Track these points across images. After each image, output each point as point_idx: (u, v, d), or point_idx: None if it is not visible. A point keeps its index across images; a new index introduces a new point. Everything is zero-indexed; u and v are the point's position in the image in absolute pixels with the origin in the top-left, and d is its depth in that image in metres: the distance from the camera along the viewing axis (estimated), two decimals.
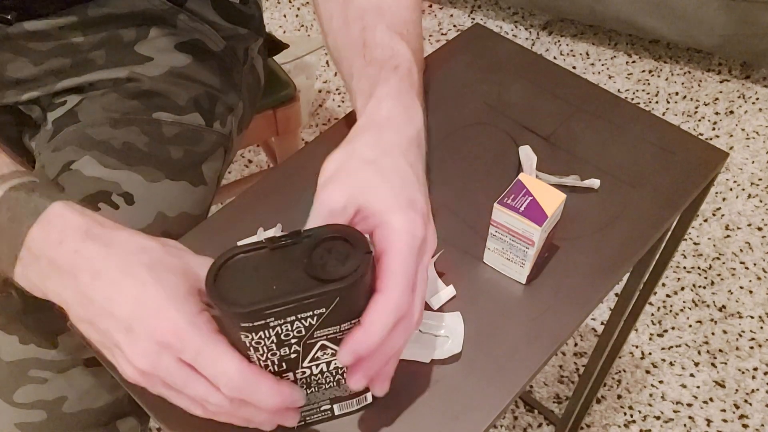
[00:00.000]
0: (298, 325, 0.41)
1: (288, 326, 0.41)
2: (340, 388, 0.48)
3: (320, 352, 0.44)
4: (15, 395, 0.59)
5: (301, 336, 0.42)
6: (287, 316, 0.40)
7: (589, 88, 0.74)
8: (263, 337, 0.41)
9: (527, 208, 0.55)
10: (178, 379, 0.42)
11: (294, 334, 0.42)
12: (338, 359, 0.43)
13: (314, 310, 0.40)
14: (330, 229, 0.42)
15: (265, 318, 0.39)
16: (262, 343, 0.41)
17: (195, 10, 0.76)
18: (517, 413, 1.26)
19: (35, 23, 0.69)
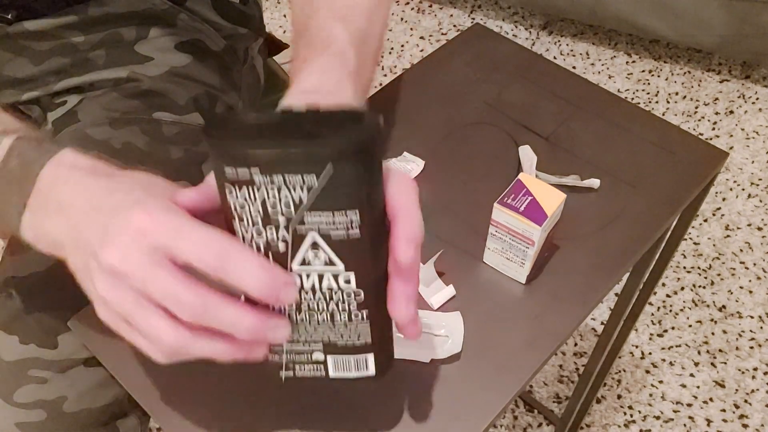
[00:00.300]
0: (287, 196, 0.38)
1: (275, 192, 0.38)
2: (335, 328, 0.43)
3: (312, 254, 0.40)
4: (15, 395, 0.59)
5: (290, 216, 0.39)
6: (273, 171, 0.37)
7: (589, 88, 0.74)
8: (248, 198, 0.38)
9: (527, 208, 0.55)
10: (149, 276, 0.37)
11: (282, 209, 0.38)
12: (399, 252, 0.39)
13: (303, 175, 0.37)
14: (347, 108, 0.39)
15: (249, 164, 0.37)
16: (247, 209, 0.38)
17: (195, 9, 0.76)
18: (517, 413, 1.26)
19: (35, 22, 0.69)
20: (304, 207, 0.38)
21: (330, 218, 0.39)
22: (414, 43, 1.91)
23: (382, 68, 1.84)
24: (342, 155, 0.36)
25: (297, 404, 0.53)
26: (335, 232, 0.39)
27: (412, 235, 0.40)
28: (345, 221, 0.39)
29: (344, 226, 0.39)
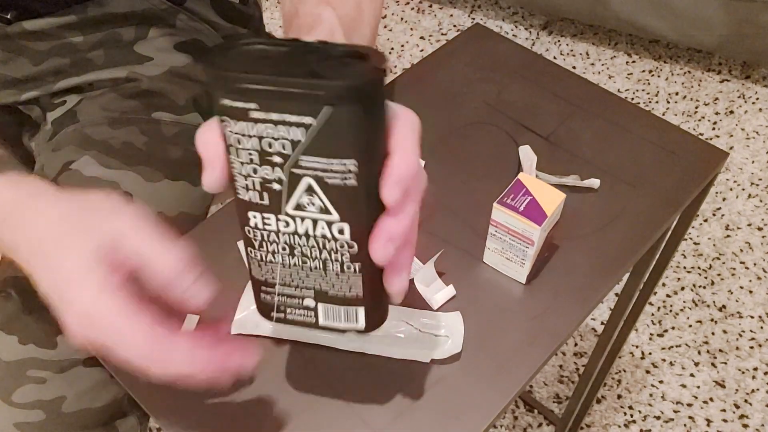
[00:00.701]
0: (283, 134, 0.37)
1: (271, 131, 0.37)
2: (327, 277, 0.43)
3: (307, 199, 0.39)
4: (14, 395, 0.59)
5: (287, 157, 0.38)
6: (271, 108, 0.36)
7: (589, 88, 0.74)
8: (244, 134, 0.38)
9: (527, 208, 0.55)
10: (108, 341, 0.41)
11: (278, 149, 0.38)
12: (384, 191, 0.38)
13: (301, 116, 0.36)
14: (356, 48, 0.37)
15: (246, 99, 0.36)
16: (243, 144, 0.38)
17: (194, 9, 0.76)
18: (517, 413, 1.26)
19: (34, 22, 0.69)
20: (300, 149, 0.37)
21: (326, 165, 0.38)
22: (414, 43, 1.91)
23: None
24: (341, 99, 0.35)
25: (297, 404, 0.53)
26: (331, 180, 0.38)
27: (399, 176, 0.39)
28: (342, 169, 0.38)
29: (341, 174, 0.38)
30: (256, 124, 0.37)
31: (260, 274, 0.44)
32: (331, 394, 0.54)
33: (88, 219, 0.43)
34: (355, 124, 0.36)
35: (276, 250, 0.42)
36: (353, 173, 0.38)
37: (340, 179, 0.38)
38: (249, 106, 0.36)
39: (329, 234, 0.40)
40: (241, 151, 0.38)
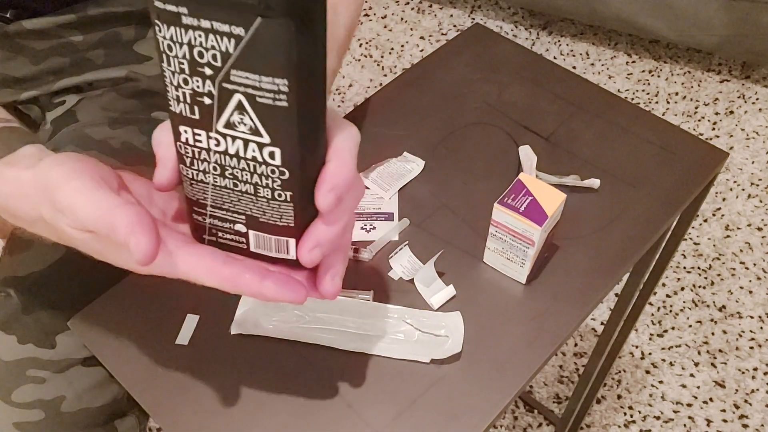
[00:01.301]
0: (214, 45, 0.35)
1: (202, 39, 0.35)
2: (258, 203, 0.41)
3: (238, 118, 0.37)
4: (13, 395, 0.59)
5: (217, 69, 0.36)
6: (201, 15, 0.35)
7: (589, 88, 0.74)
8: (175, 40, 0.36)
9: (527, 208, 0.55)
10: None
11: (209, 60, 0.36)
12: (318, 196, 0.38)
13: (232, 26, 0.34)
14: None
15: (178, 2, 0.35)
16: (175, 51, 0.37)
17: None
18: (517, 413, 1.26)
19: (34, 21, 0.69)
20: (230, 62, 0.36)
21: (256, 81, 0.36)
22: (414, 43, 1.91)
23: (382, 68, 1.84)
24: (273, 11, 0.33)
25: (296, 404, 0.53)
26: (262, 99, 0.36)
27: (334, 183, 0.39)
28: (272, 88, 0.36)
29: (271, 94, 0.36)
30: (186, 30, 0.35)
31: (192, 193, 0.42)
32: (331, 394, 0.54)
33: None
34: (287, 40, 0.34)
35: (207, 169, 0.40)
36: (284, 94, 0.36)
37: (271, 99, 0.36)
38: (180, 11, 0.35)
39: (260, 157, 0.39)
40: (173, 59, 0.37)
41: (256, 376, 0.55)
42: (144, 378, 0.55)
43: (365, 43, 1.91)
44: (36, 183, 0.42)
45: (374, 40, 1.92)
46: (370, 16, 1.99)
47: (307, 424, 0.52)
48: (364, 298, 0.58)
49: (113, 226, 0.38)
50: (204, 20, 0.35)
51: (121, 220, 0.38)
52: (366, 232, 0.63)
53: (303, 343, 0.56)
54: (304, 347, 0.56)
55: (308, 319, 0.57)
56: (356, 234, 0.63)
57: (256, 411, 0.53)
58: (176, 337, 0.57)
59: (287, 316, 0.57)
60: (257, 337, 0.57)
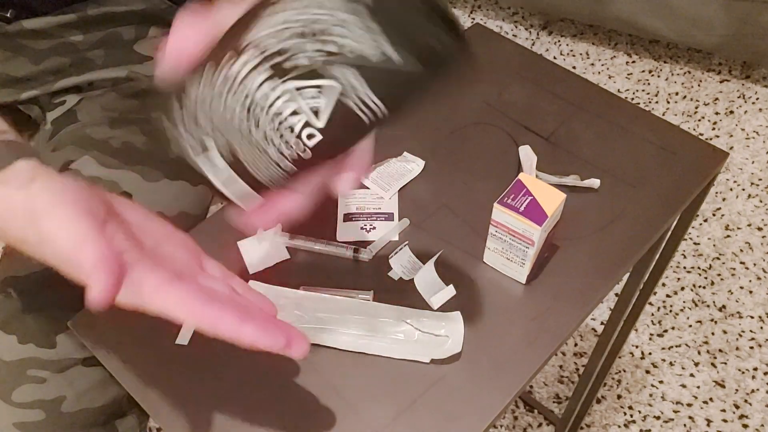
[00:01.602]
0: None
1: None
2: (259, 156, 0.39)
3: (313, 92, 0.36)
4: (14, 395, 0.59)
5: (334, 54, 0.36)
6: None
7: (589, 88, 0.74)
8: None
9: (527, 208, 0.55)
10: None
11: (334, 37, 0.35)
12: (341, 183, 0.41)
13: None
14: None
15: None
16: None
17: None
18: (517, 413, 1.26)
19: (34, 21, 0.69)
20: (352, 61, 0.36)
21: (363, 91, 0.37)
22: None
23: None
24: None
25: (296, 404, 0.53)
26: (350, 102, 0.37)
27: (358, 177, 0.42)
28: (369, 104, 0.37)
29: (365, 107, 0.37)
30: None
31: (193, 102, 0.40)
32: (331, 394, 0.54)
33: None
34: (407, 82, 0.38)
35: (233, 99, 0.38)
36: (374, 114, 0.37)
37: (359, 109, 0.37)
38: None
39: (296, 128, 0.38)
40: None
41: (256, 376, 0.55)
42: (144, 378, 0.55)
43: None
44: (25, 206, 0.42)
45: None
46: None
47: (307, 424, 0.52)
48: (364, 298, 0.58)
49: (80, 261, 0.39)
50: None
51: (87, 255, 0.38)
52: (366, 232, 0.63)
53: None
54: None
55: (308, 319, 0.57)
56: (356, 234, 0.63)
57: (256, 411, 0.53)
58: (176, 337, 0.57)
59: (287, 316, 0.57)
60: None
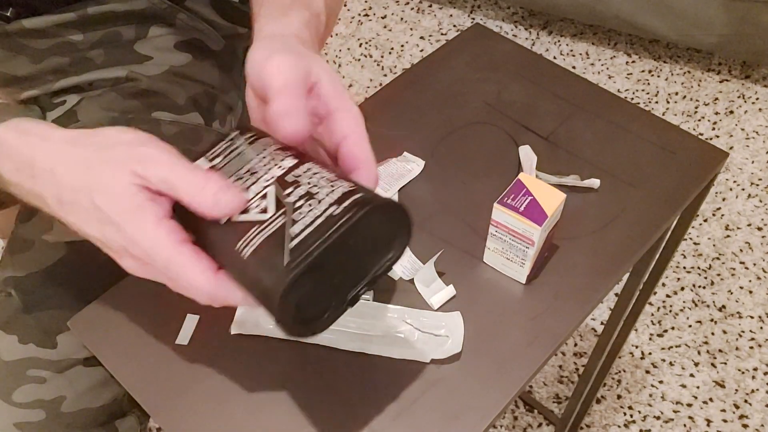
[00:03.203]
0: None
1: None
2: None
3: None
4: (14, 395, 0.59)
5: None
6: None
7: (589, 88, 0.74)
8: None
9: (527, 208, 0.55)
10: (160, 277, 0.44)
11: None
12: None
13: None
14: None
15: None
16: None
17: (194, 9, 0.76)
18: (517, 413, 1.26)
19: (34, 20, 0.69)
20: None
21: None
22: (414, 43, 1.91)
23: (382, 68, 1.84)
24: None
25: (296, 404, 0.53)
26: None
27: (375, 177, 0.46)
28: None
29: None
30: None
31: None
32: (331, 394, 0.54)
33: (110, 156, 0.44)
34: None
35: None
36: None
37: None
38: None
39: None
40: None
41: (256, 376, 0.55)
42: (144, 378, 0.55)
43: (365, 43, 1.91)
44: (82, 138, 0.46)
45: (374, 40, 1.92)
46: (370, 16, 1.99)
47: (307, 424, 0.52)
48: (364, 298, 0.58)
49: (206, 182, 0.41)
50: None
51: (216, 179, 0.42)
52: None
53: (303, 343, 0.56)
54: (304, 347, 0.56)
55: None
56: None
57: (256, 411, 0.53)
58: (176, 337, 0.57)
59: None
60: (257, 337, 0.57)
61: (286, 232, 0.39)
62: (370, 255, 0.43)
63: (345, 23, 1.97)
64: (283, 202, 0.41)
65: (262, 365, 0.55)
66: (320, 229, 0.39)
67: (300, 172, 0.42)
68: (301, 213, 0.40)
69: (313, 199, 0.40)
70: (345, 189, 0.41)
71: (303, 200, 0.41)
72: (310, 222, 0.39)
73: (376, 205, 0.40)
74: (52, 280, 0.62)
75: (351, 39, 1.92)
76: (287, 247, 0.39)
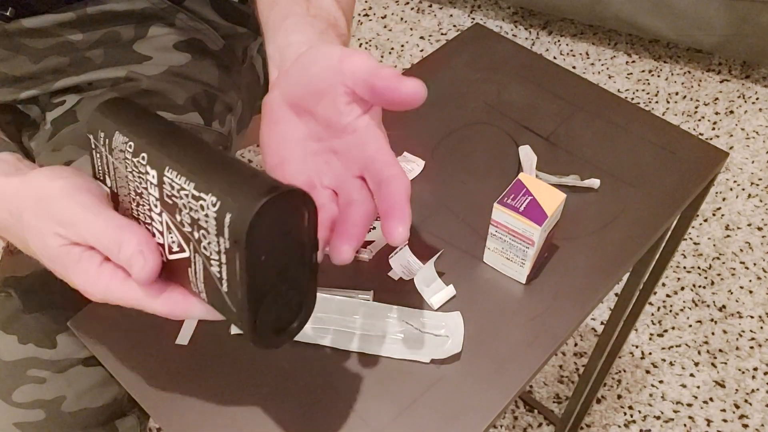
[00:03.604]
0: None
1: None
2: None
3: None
4: (14, 395, 0.59)
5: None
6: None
7: (589, 88, 0.74)
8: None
9: (527, 208, 0.55)
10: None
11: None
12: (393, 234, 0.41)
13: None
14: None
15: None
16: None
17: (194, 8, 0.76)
18: (517, 413, 1.26)
19: (33, 20, 0.69)
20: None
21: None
22: (414, 43, 1.91)
23: None
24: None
25: (296, 404, 0.53)
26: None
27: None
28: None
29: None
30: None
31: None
32: (331, 394, 0.54)
33: (40, 214, 0.44)
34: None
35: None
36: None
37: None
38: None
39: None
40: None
41: (256, 376, 0.55)
42: (144, 378, 0.55)
43: (365, 43, 1.91)
44: (23, 191, 0.44)
45: (374, 40, 1.92)
46: (370, 16, 1.99)
47: (307, 424, 0.52)
48: (364, 298, 0.58)
49: (120, 243, 0.40)
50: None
51: (130, 237, 0.41)
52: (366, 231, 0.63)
53: (303, 343, 0.56)
54: (304, 347, 0.56)
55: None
56: None
57: (256, 411, 0.53)
58: (176, 337, 0.57)
59: None
60: None
61: (211, 275, 0.39)
62: (291, 234, 0.40)
63: None
64: (188, 236, 0.40)
65: (261, 365, 0.55)
66: (231, 266, 0.37)
67: (167, 187, 0.40)
68: (205, 248, 0.39)
69: (202, 228, 0.38)
70: (213, 209, 0.37)
71: (196, 230, 0.39)
72: (218, 257, 0.38)
73: (253, 217, 0.36)
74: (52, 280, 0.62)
75: (351, 39, 1.92)
76: (225, 295, 0.39)
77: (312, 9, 0.54)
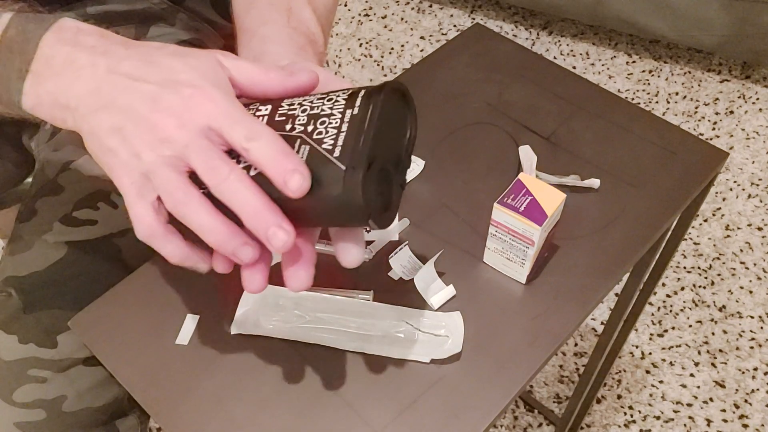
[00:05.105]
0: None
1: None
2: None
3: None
4: (14, 395, 0.59)
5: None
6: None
7: (589, 88, 0.74)
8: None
9: (527, 208, 0.55)
10: (206, 154, 0.39)
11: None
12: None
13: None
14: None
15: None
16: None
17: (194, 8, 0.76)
18: (517, 413, 1.26)
19: None
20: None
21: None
22: (414, 43, 1.91)
23: (382, 68, 1.84)
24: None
25: (296, 404, 0.53)
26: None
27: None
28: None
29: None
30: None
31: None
32: (331, 394, 0.54)
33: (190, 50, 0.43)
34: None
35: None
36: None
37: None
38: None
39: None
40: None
41: (256, 376, 0.55)
42: (144, 378, 0.55)
43: (365, 43, 1.91)
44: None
45: (374, 40, 1.92)
46: (370, 16, 1.99)
47: (307, 424, 0.52)
48: (364, 298, 0.58)
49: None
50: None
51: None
52: (366, 232, 0.63)
53: (303, 343, 0.56)
54: (304, 347, 0.56)
55: (308, 319, 0.57)
56: None
57: (256, 411, 0.53)
58: (176, 337, 0.57)
59: (287, 316, 0.57)
60: (257, 337, 0.57)
61: (320, 151, 0.39)
62: (396, 138, 0.43)
63: (345, 23, 1.97)
64: (292, 135, 0.40)
65: (262, 365, 0.55)
66: (352, 131, 0.39)
67: (284, 109, 0.42)
68: (320, 132, 0.40)
69: (322, 117, 0.40)
70: (344, 95, 0.41)
71: (312, 124, 0.40)
72: (336, 133, 0.39)
73: (387, 90, 0.40)
74: (52, 280, 0.62)
75: (351, 39, 1.92)
76: (336, 160, 0.39)
77: (292, 20, 0.54)
